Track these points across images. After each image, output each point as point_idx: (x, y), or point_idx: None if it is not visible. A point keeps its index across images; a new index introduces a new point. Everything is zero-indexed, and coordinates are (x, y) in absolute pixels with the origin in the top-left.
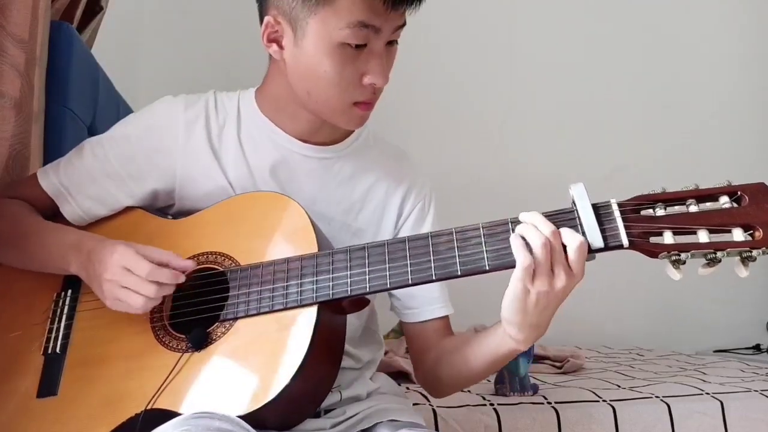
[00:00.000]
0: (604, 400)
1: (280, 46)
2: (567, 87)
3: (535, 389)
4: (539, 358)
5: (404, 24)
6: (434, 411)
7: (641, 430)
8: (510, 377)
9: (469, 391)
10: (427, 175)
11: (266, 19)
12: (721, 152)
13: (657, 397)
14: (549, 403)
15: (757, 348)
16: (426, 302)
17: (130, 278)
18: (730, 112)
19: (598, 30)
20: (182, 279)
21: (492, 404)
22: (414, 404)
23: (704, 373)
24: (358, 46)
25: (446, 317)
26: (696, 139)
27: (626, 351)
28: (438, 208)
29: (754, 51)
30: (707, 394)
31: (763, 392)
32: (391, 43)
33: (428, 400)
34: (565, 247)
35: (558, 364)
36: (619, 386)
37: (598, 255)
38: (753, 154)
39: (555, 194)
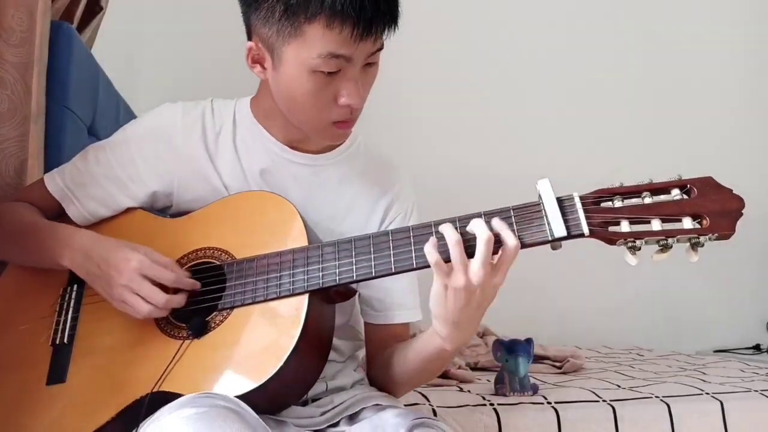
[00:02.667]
0: (604, 400)
1: (263, 68)
2: (567, 88)
3: (535, 389)
4: (539, 358)
5: (381, 47)
6: (434, 411)
7: (641, 430)
8: (510, 377)
9: (469, 391)
10: (413, 186)
11: (249, 44)
12: (721, 153)
13: (657, 397)
14: (549, 403)
15: (757, 348)
16: (392, 307)
17: (147, 288)
18: (731, 113)
19: (598, 31)
20: (198, 285)
21: (492, 404)
22: (414, 404)
23: (704, 373)
24: (331, 73)
25: (407, 324)
26: (696, 140)
27: (626, 351)
28: (438, 212)
29: (755, 51)
30: (707, 394)
31: (763, 392)
32: (369, 65)
33: (428, 400)
34: (498, 247)
35: (558, 364)
36: (619, 386)
37: (586, 250)
38: (753, 154)
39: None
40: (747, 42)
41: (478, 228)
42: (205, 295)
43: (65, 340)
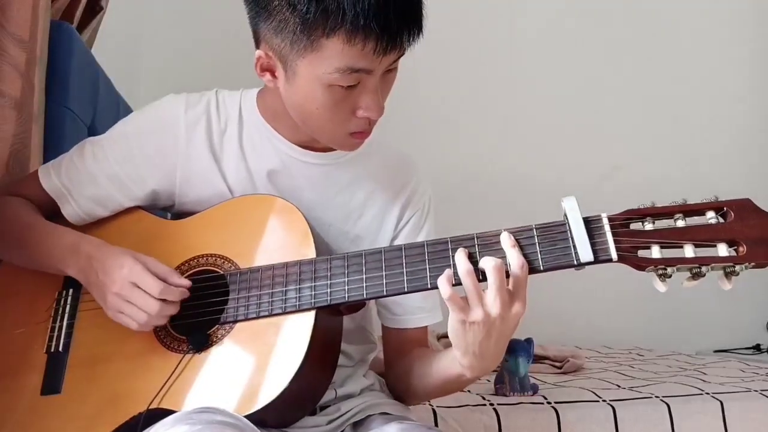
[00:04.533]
0: (604, 400)
1: (274, 76)
2: (567, 86)
3: (535, 389)
4: (539, 358)
5: (402, 54)
6: (434, 411)
7: (641, 430)
8: (510, 377)
9: (469, 390)
10: (428, 182)
11: (258, 52)
12: (721, 152)
13: (657, 397)
14: (549, 403)
15: (757, 348)
16: (409, 311)
17: (138, 295)
18: (730, 112)
19: (598, 30)
20: (186, 295)
21: (492, 404)
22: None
23: (704, 373)
24: (349, 86)
25: (425, 327)
26: (695, 139)
27: (626, 351)
28: (439, 211)
29: (754, 50)
30: (707, 394)
31: (763, 392)
32: (389, 71)
33: (428, 400)
34: (508, 275)
35: (558, 364)
36: (619, 386)
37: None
38: (753, 153)
39: (556, 193)
40: (748, 40)
41: (485, 257)
42: (206, 306)
43: (60, 348)
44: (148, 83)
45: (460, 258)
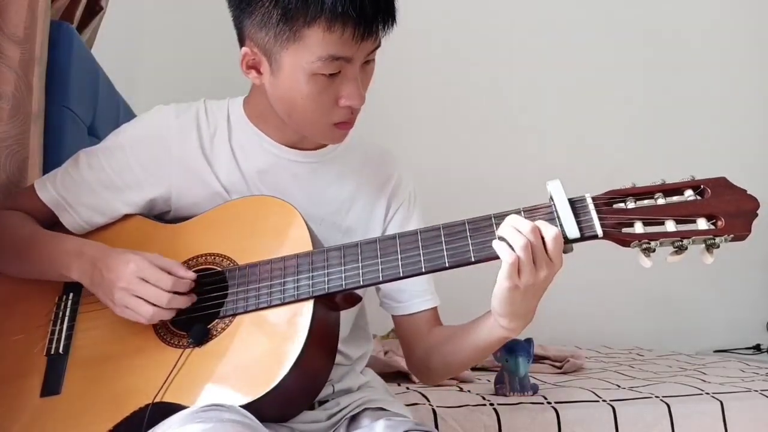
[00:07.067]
0: (604, 400)
1: (259, 72)
2: (567, 87)
3: (535, 389)
4: (539, 358)
5: (379, 45)
6: (434, 411)
7: (641, 430)
8: (510, 377)
9: (469, 390)
10: (411, 174)
11: (243, 49)
12: (722, 151)
13: (657, 397)
14: (549, 403)
15: (757, 348)
16: (414, 295)
17: (147, 289)
18: (731, 112)
19: (599, 29)
20: (193, 286)
21: (492, 404)
22: (414, 404)
23: (704, 373)
24: (332, 75)
25: (434, 308)
26: (697, 139)
27: (626, 351)
28: (437, 214)
29: (755, 50)
30: (707, 394)
31: (763, 392)
32: (368, 62)
33: (428, 400)
34: (543, 240)
35: (558, 364)
36: (619, 386)
37: (586, 250)
38: (754, 152)
39: None
40: (753, 44)
41: (524, 225)
42: (206, 302)
43: (60, 350)
44: (148, 83)
45: (518, 230)
